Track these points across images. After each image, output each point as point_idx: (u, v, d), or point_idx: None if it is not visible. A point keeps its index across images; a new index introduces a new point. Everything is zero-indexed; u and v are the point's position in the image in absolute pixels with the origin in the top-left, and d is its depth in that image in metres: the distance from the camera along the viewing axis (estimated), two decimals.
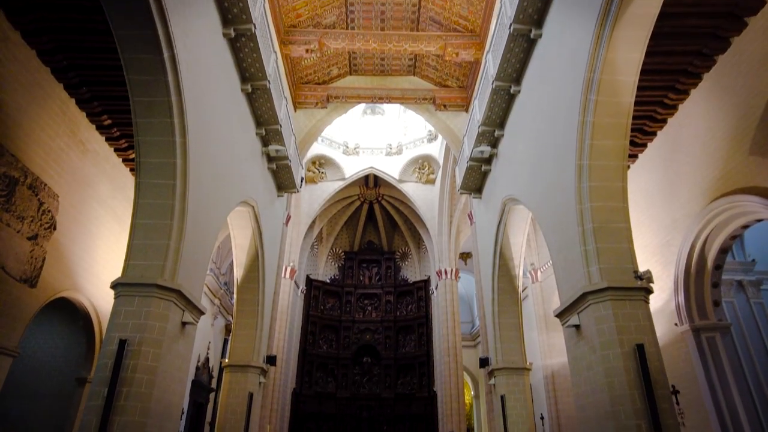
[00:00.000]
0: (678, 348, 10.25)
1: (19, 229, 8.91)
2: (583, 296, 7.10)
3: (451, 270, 23.05)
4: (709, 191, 9.35)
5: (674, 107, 10.32)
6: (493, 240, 12.96)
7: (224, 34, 9.50)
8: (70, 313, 11.54)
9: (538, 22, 9.28)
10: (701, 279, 10.00)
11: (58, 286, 10.11)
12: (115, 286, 7.27)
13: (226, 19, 9.40)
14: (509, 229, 12.58)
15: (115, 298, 7.25)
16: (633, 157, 11.72)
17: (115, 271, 10.98)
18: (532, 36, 9.46)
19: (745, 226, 9.39)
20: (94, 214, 11.23)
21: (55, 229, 9.84)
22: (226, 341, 21.38)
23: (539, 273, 20.88)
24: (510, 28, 9.47)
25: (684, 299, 10.05)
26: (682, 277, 10.04)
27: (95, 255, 11.30)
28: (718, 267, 10.00)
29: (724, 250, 9.82)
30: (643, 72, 7.16)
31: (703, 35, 8.68)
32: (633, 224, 7.36)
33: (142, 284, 7.19)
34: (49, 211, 9.60)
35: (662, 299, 10.66)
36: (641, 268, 7.09)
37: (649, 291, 6.93)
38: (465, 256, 27.80)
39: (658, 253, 10.91)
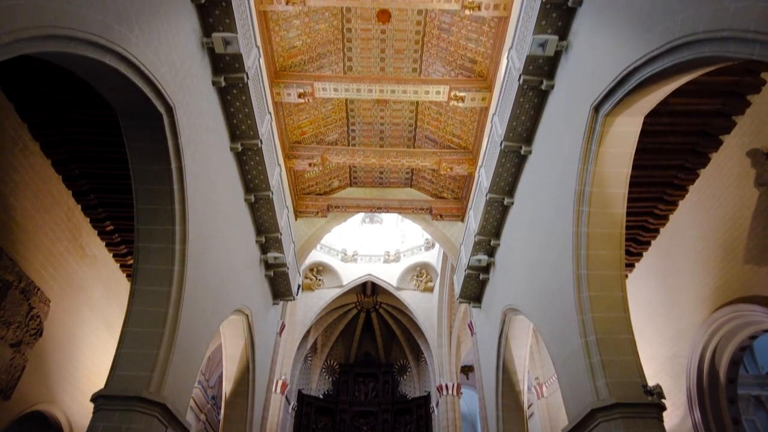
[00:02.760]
0: None
1: (3, 336, 8.61)
2: (592, 414, 6.67)
3: (453, 385, 21.87)
4: (710, 300, 9.25)
5: (665, 217, 10.61)
6: (495, 352, 12.48)
7: (231, 148, 10.04)
8: (42, 429, 10.70)
9: (528, 139, 9.88)
10: (716, 394, 9.48)
11: (34, 397, 9.50)
12: (95, 398, 6.85)
13: (234, 135, 10.00)
14: (511, 340, 12.18)
15: (94, 412, 6.79)
16: (630, 266, 11.77)
17: (98, 382, 10.40)
18: (522, 152, 10.00)
19: (753, 337, 9.15)
20: (85, 320, 10.94)
21: (41, 335, 9.52)
22: None
23: (545, 388, 19.81)
24: (501, 145, 10.04)
25: (701, 417, 9.42)
26: (695, 391, 9.53)
27: (79, 364, 10.79)
28: (732, 381, 9.54)
29: (735, 363, 9.45)
30: (632, 184, 7.48)
31: (684, 151, 9.21)
32: (637, 335, 7.18)
33: (124, 397, 6.77)
34: (38, 316, 9.37)
35: (677, 416, 10.01)
36: (650, 382, 6.76)
37: (662, 407, 6.53)
38: (467, 370, 26.53)
39: (666, 365, 10.48)
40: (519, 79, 8.81)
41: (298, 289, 15.72)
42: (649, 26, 5.58)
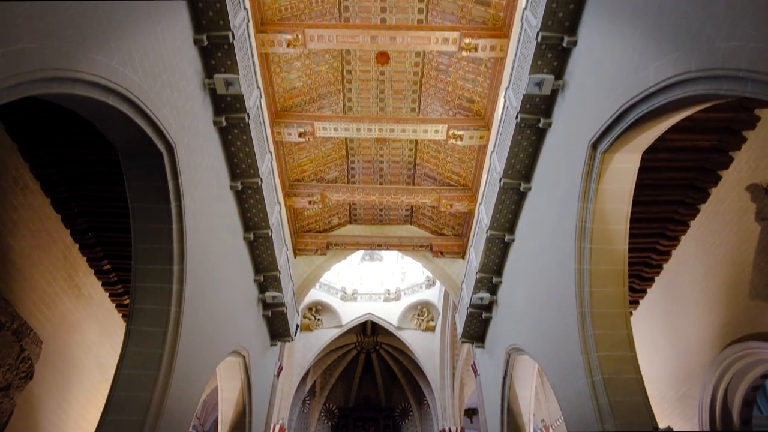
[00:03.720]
0: None
1: None
2: None
3: (456, 429, 21.19)
4: (719, 337, 9.05)
5: (668, 253, 10.52)
6: (499, 394, 12.13)
7: (231, 187, 10.07)
8: None
9: (527, 176, 9.92)
10: None
11: None
12: None
13: (235, 174, 10.06)
14: (516, 381, 11.86)
15: None
16: (634, 303, 11.59)
17: (89, 428, 10.07)
18: (521, 189, 10.02)
19: (765, 375, 8.90)
20: (78, 362, 10.66)
21: (31, 378, 9.24)
22: None
23: (551, 430, 19.18)
24: (500, 182, 10.09)
25: None
26: None
27: (69, 409, 10.44)
28: (746, 422, 9.22)
29: (748, 403, 9.16)
30: (633, 220, 7.44)
31: (683, 186, 9.24)
32: (645, 374, 6.97)
33: None
34: (29, 358, 9.12)
35: None
36: (661, 425, 6.52)
37: None
38: (470, 413, 25.74)
39: (677, 406, 10.15)
40: (516, 118, 8.93)
41: (297, 329, 15.43)
42: (643, 65, 5.69)
